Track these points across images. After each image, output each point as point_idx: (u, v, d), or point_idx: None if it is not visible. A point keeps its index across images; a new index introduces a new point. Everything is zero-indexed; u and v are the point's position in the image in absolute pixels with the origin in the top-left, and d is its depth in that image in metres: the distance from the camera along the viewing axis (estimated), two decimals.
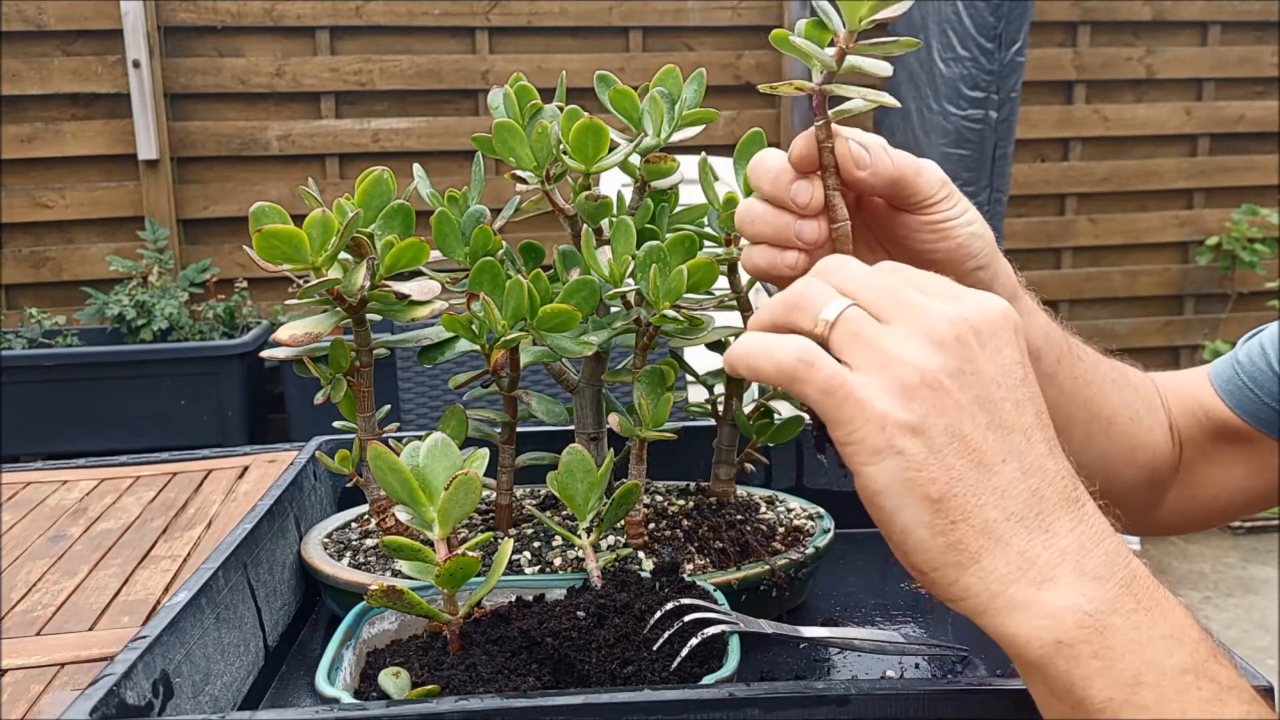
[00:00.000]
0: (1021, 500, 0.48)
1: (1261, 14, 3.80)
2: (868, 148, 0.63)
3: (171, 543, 1.06)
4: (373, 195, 0.74)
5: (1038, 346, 0.73)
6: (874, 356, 0.49)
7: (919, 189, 0.64)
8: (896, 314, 0.50)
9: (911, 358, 0.48)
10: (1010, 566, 0.48)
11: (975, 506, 0.48)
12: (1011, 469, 0.49)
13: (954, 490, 0.48)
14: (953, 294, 0.52)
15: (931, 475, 0.48)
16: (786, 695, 0.54)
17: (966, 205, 0.67)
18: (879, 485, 0.48)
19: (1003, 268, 0.71)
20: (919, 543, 0.48)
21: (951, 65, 2.87)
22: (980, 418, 0.49)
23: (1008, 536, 0.48)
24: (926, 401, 0.48)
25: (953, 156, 2.93)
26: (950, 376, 0.48)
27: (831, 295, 0.52)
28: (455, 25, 3.37)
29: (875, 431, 0.48)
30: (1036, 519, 0.49)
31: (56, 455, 2.66)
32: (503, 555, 0.63)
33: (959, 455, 0.48)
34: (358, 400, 0.79)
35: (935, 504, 0.48)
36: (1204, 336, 3.97)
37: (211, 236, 3.35)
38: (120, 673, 0.56)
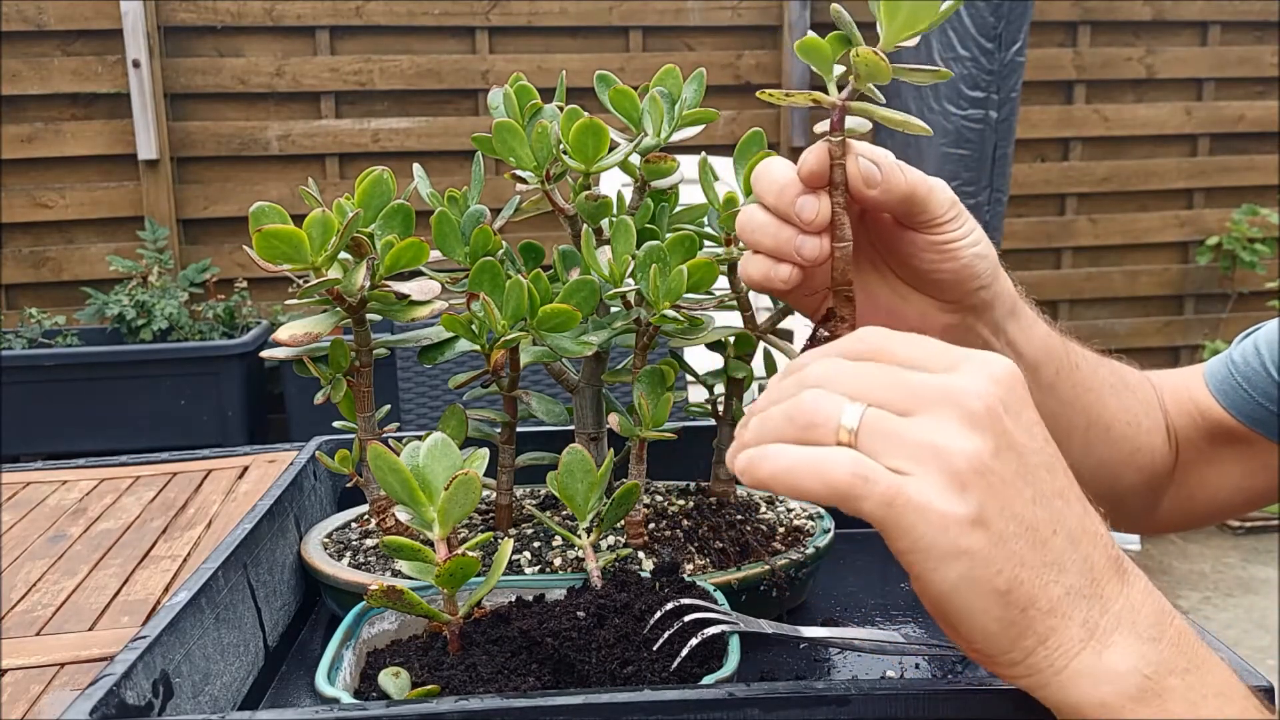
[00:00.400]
0: (1076, 572, 0.48)
1: (1261, 14, 3.80)
2: (879, 165, 0.61)
3: (171, 543, 1.06)
4: (373, 195, 0.74)
5: (1037, 359, 0.73)
6: (915, 452, 0.46)
7: (929, 208, 0.63)
8: (915, 403, 0.48)
9: (955, 445, 0.46)
10: (1074, 640, 0.47)
11: (1040, 588, 0.47)
12: (1061, 540, 0.48)
13: (1019, 576, 0.46)
14: (953, 362, 0.50)
15: (998, 568, 0.46)
16: (786, 695, 0.53)
17: (973, 226, 0.66)
18: (947, 587, 0.46)
19: (1003, 285, 0.70)
20: (989, 636, 0.47)
21: (951, 65, 2.87)
22: (1026, 491, 0.47)
23: (1070, 611, 0.47)
24: (980, 488, 0.46)
25: (953, 156, 2.93)
26: (993, 456, 0.47)
27: (842, 401, 0.48)
28: (455, 25, 3.37)
29: (940, 535, 0.45)
30: (1092, 587, 0.48)
31: (56, 455, 2.66)
32: (503, 555, 0.63)
33: (1018, 538, 0.46)
34: (358, 400, 0.79)
35: (1004, 595, 0.46)
36: (1204, 336, 3.97)
37: (211, 236, 3.35)
38: (120, 673, 0.56)
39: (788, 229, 0.61)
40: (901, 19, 0.58)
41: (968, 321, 0.70)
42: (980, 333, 0.70)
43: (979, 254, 0.66)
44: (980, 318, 0.70)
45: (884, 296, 0.70)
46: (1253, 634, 2.90)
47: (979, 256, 0.66)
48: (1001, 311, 0.70)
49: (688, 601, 0.63)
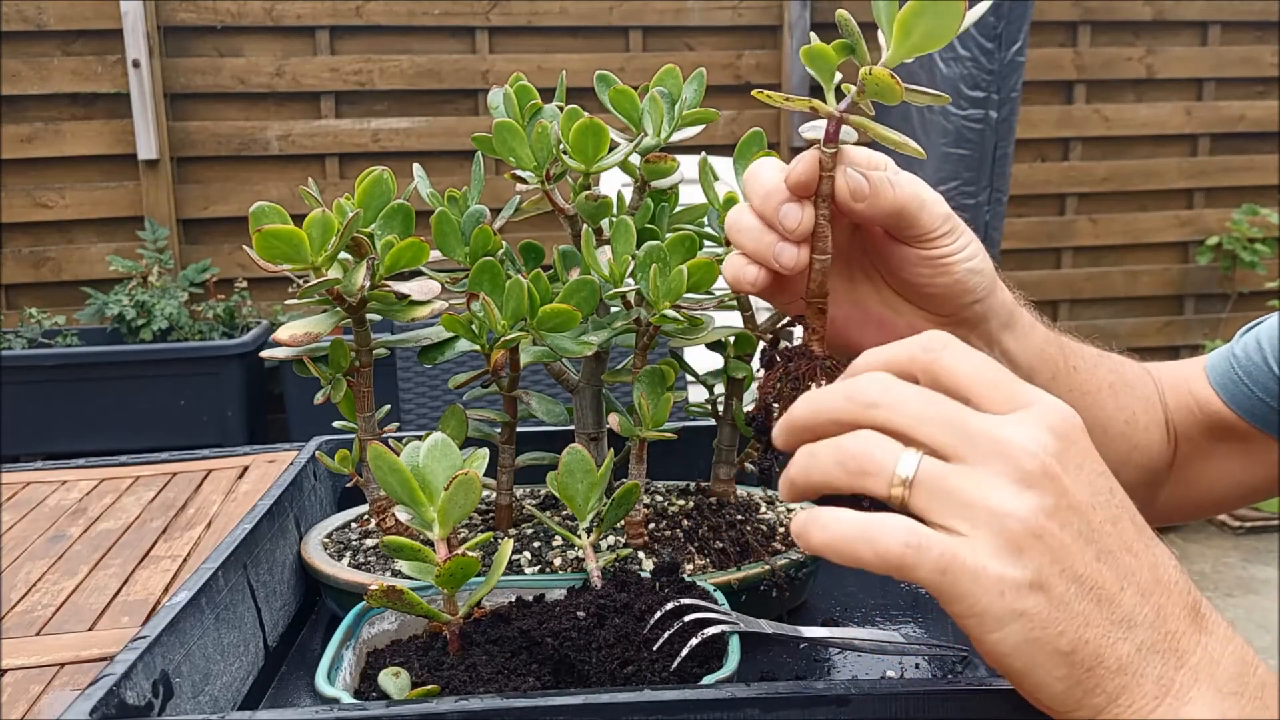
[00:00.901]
0: (1148, 626, 0.46)
1: (1261, 14, 3.81)
2: (869, 178, 0.60)
3: (171, 543, 1.06)
4: (373, 195, 0.74)
5: (1031, 366, 0.73)
6: (969, 514, 0.45)
7: (920, 223, 0.63)
8: (969, 450, 0.46)
9: (1008, 507, 0.45)
10: (1148, 697, 0.46)
11: (1106, 647, 0.46)
12: (1131, 595, 0.46)
13: (1084, 637, 0.45)
14: (1013, 402, 0.48)
15: (1059, 629, 0.45)
16: (786, 695, 0.53)
17: (969, 240, 0.65)
18: (1007, 650, 0.45)
19: (999, 298, 0.69)
20: (1055, 696, 0.46)
21: (951, 65, 2.87)
22: (1088, 550, 0.46)
23: (1142, 669, 0.46)
24: (1037, 551, 0.45)
25: (953, 156, 2.93)
26: (1049, 516, 0.45)
27: (897, 449, 0.47)
28: (455, 25, 3.37)
29: (996, 600, 0.45)
30: (1166, 640, 0.46)
31: (56, 455, 2.66)
32: (503, 555, 0.63)
33: (1080, 599, 0.45)
34: (358, 400, 0.79)
35: (1068, 656, 0.45)
36: (1204, 336, 3.97)
37: (211, 236, 3.35)
38: (120, 673, 0.56)
39: (770, 234, 0.60)
40: (914, 40, 0.56)
41: (959, 334, 0.69)
42: (972, 344, 0.69)
43: (973, 269, 0.65)
44: (973, 330, 0.69)
45: (874, 306, 0.69)
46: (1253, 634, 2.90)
47: (972, 272, 0.65)
48: (996, 324, 0.70)
49: (688, 601, 0.63)
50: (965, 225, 0.66)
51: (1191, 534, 3.53)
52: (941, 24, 0.55)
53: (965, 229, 0.65)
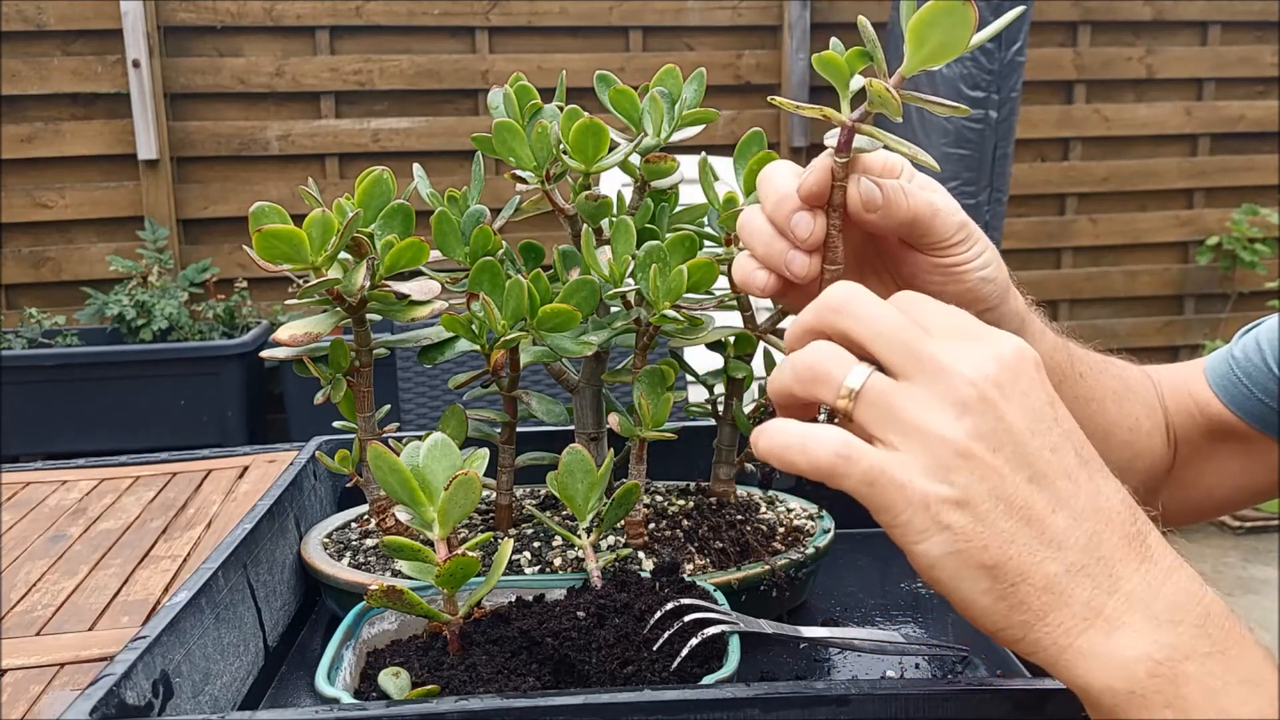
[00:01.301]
0: (1079, 549, 0.47)
1: (1261, 14, 3.80)
2: (883, 187, 0.60)
3: (171, 543, 1.06)
4: (373, 195, 0.74)
5: None
6: (904, 431, 0.48)
7: (933, 232, 0.62)
8: (915, 370, 0.48)
9: (941, 429, 0.47)
10: (1076, 619, 0.47)
11: (1032, 565, 0.47)
12: (1063, 519, 0.48)
13: (1008, 554, 0.47)
14: (969, 335, 0.50)
15: (983, 543, 0.47)
16: (786, 695, 0.53)
17: (983, 248, 0.65)
18: (931, 560, 0.47)
19: (1012, 306, 0.69)
20: (982, 609, 0.48)
21: (951, 65, 2.87)
22: (1020, 474, 0.48)
23: (1070, 589, 0.47)
24: (964, 471, 0.47)
25: (953, 156, 2.93)
26: (981, 440, 0.47)
27: (850, 362, 0.49)
28: (455, 25, 3.37)
29: (920, 513, 0.47)
30: (1099, 565, 0.47)
31: (56, 455, 2.66)
32: (503, 555, 0.63)
33: (1006, 517, 0.47)
34: (358, 400, 0.79)
35: (991, 570, 0.47)
36: (1204, 336, 3.97)
37: (211, 236, 3.35)
38: (120, 673, 0.56)
39: (781, 241, 0.60)
40: (928, 50, 0.56)
41: None
42: None
43: (985, 278, 0.65)
44: None
45: None
46: None
47: (985, 280, 0.65)
48: (1007, 329, 0.69)
49: (688, 601, 0.63)
50: (981, 233, 0.66)
51: (1191, 534, 3.53)
52: (954, 34, 0.55)
53: (980, 237, 0.65)
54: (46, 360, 2.92)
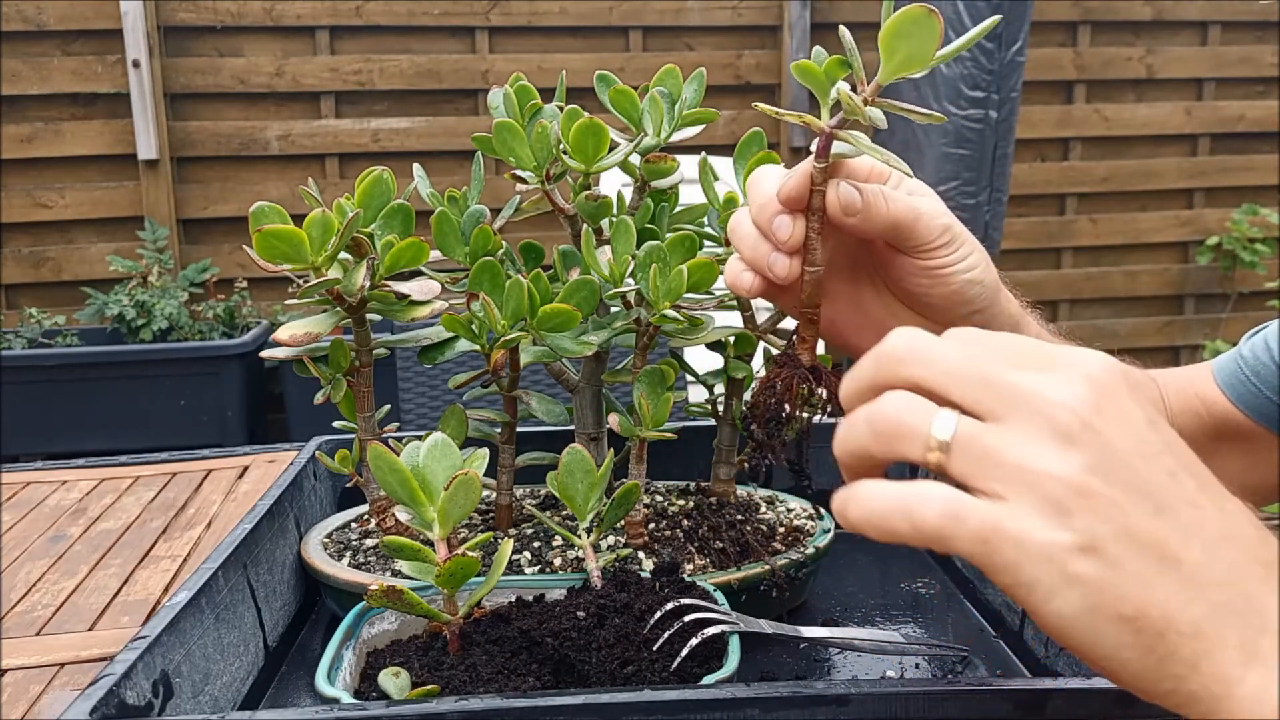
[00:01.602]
0: (1219, 583, 0.42)
1: (1261, 14, 3.80)
2: (863, 192, 0.61)
3: (171, 543, 1.06)
4: (373, 195, 0.74)
5: None
6: (1008, 476, 0.42)
7: (916, 235, 0.63)
8: (1004, 407, 0.44)
9: (1049, 466, 0.42)
10: (1233, 664, 0.41)
11: (1176, 609, 0.42)
12: (1197, 551, 0.42)
13: (1148, 599, 0.42)
14: (1048, 360, 0.45)
15: (1120, 593, 0.41)
16: (786, 695, 0.53)
17: (969, 250, 0.65)
18: (1065, 620, 0.42)
19: (1004, 308, 0.69)
20: (1128, 666, 0.42)
21: (951, 65, 2.87)
22: (1144, 505, 0.42)
23: (1221, 632, 0.42)
24: (1084, 511, 0.42)
25: (953, 156, 2.93)
26: (1094, 472, 0.42)
27: (931, 411, 0.44)
28: (455, 25, 3.37)
29: (1044, 566, 0.41)
30: (1243, 600, 0.42)
31: (56, 455, 2.66)
32: (503, 555, 0.63)
33: (1139, 558, 0.42)
34: (358, 400, 0.79)
35: (1134, 622, 0.42)
36: (1204, 336, 3.97)
37: (211, 236, 3.35)
38: (120, 673, 0.56)
39: (765, 244, 0.61)
40: (898, 60, 0.57)
41: None
42: None
43: (971, 280, 0.65)
44: None
45: (877, 311, 0.70)
46: None
47: (972, 283, 0.66)
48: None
49: (688, 601, 0.63)
50: (969, 235, 0.66)
51: None
52: (921, 44, 0.56)
53: (967, 239, 0.65)
54: (46, 360, 2.92)
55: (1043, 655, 0.73)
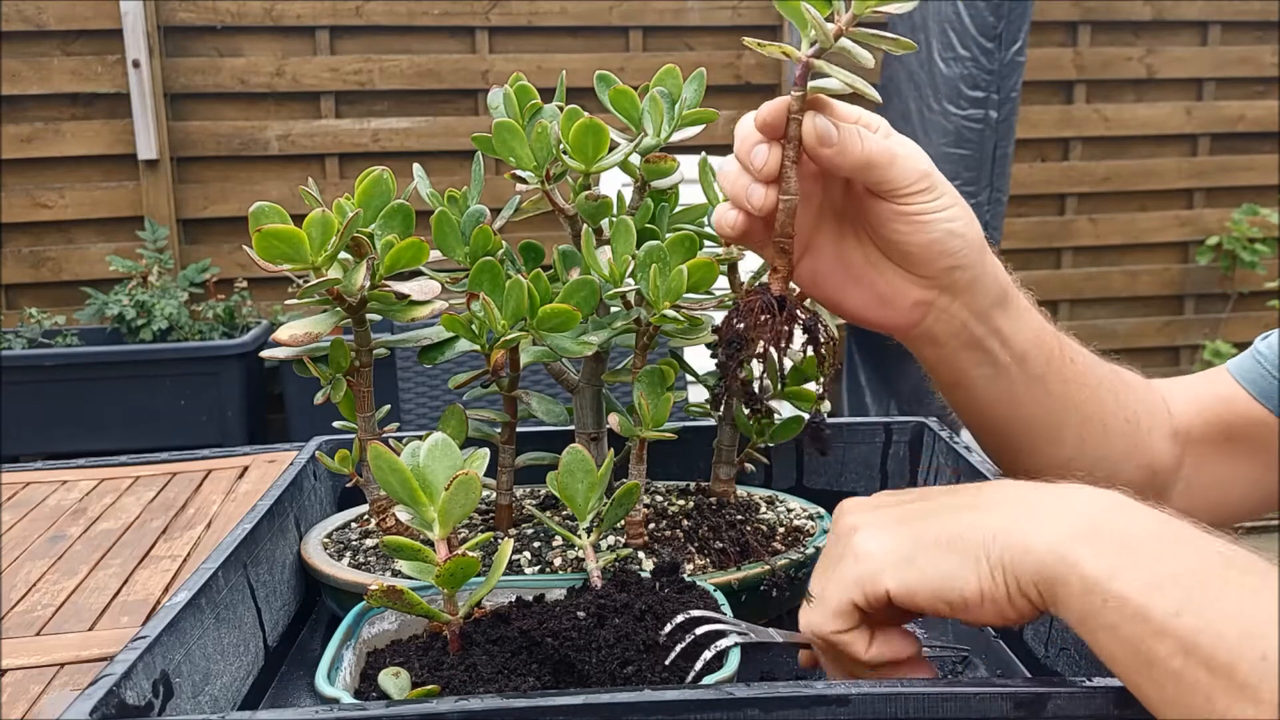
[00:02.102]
0: (947, 508, 0.58)
1: (1261, 14, 3.80)
2: (839, 127, 0.63)
3: (171, 543, 1.06)
4: (373, 195, 0.74)
5: (1025, 350, 0.74)
6: None
7: (891, 178, 0.64)
8: None
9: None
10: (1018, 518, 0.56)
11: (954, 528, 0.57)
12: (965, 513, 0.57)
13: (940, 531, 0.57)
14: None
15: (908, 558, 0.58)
16: (786, 695, 0.53)
17: (951, 202, 0.67)
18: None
19: (989, 270, 0.71)
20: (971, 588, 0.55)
21: (951, 65, 2.87)
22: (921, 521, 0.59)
23: (996, 501, 0.58)
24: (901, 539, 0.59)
25: (953, 156, 2.93)
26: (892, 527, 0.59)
27: None
28: (455, 25, 3.37)
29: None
30: (963, 496, 0.59)
31: (56, 455, 2.66)
32: (503, 555, 0.63)
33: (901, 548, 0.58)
34: (358, 400, 0.79)
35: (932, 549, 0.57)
36: (1204, 336, 3.97)
37: (211, 236, 3.35)
38: (120, 673, 0.56)
39: (745, 176, 0.64)
40: None
41: (943, 302, 0.71)
42: (958, 315, 0.71)
43: (952, 231, 0.67)
44: (958, 298, 0.70)
45: (859, 264, 0.71)
46: None
47: (952, 234, 0.67)
48: (986, 300, 0.71)
49: (697, 613, 0.63)
50: (950, 188, 0.67)
51: None
52: None
53: (948, 190, 0.67)
54: (46, 360, 2.92)
55: (1043, 655, 0.73)
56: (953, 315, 0.71)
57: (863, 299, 0.71)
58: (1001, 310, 0.72)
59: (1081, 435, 0.78)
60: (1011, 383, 0.74)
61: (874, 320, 0.72)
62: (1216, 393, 0.87)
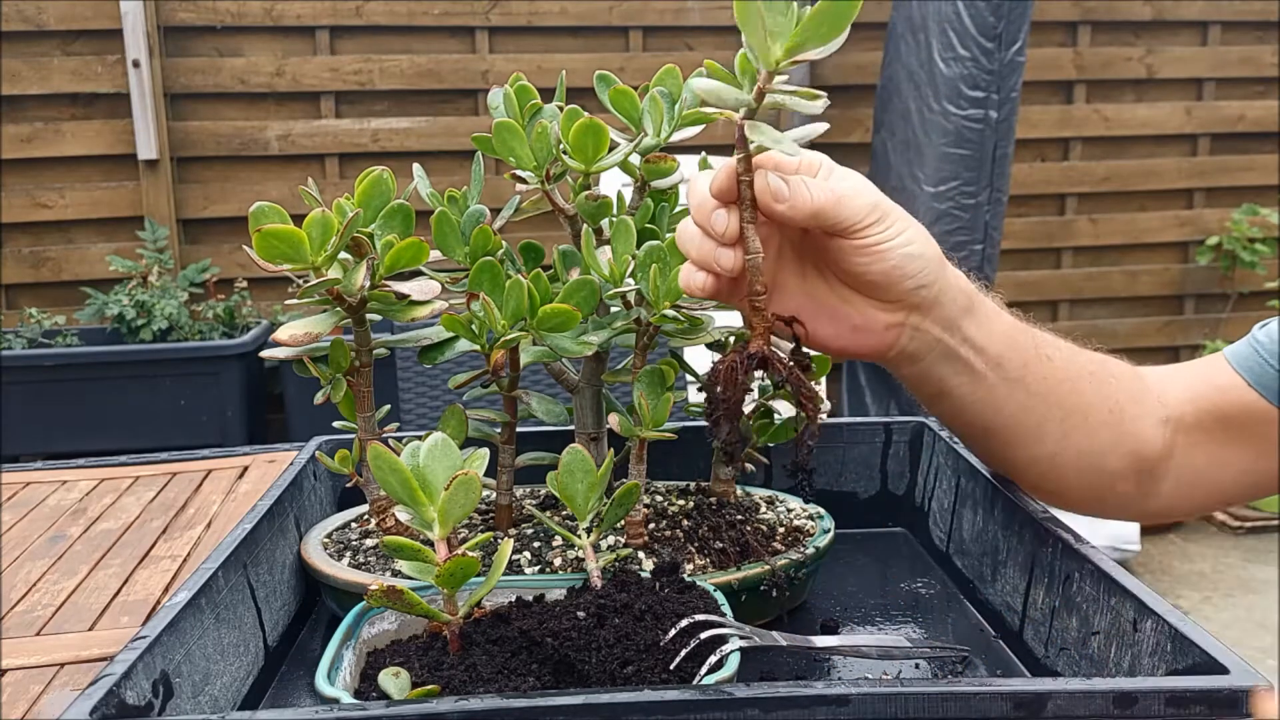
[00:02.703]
0: None
1: (1261, 14, 3.80)
2: (788, 181, 0.65)
3: (171, 543, 1.06)
4: (372, 195, 0.74)
5: (1000, 354, 0.75)
6: None
7: (841, 218, 0.66)
8: None
9: None
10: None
11: None
12: None
13: None
14: None
15: None
16: (786, 695, 0.53)
17: (903, 227, 0.68)
18: None
19: (950, 282, 0.72)
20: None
21: (951, 65, 2.87)
22: None
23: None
24: None
25: (953, 156, 2.93)
26: None
27: None
28: (455, 25, 3.37)
29: None
30: None
31: (56, 455, 2.65)
32: (503, 555, 0.63)
33: None
34: (358, 400, 0.79)
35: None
36: (1204, 336, 3.97)
37: (211, 236, 3.35)
38: (120, 673, 0.56)
39: (709, 241, 0.66)
40: (782, 48, 0.61)
41: (913, 320, 0.72)
42: (930, 330, 0.72)
43: (910, 254, 0.68)
44: (928, 315, 0.72)
45: (826, 297, 0.72)
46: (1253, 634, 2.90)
47: (910, 257, 0.68)
48: (953, 310, 0.72)
49: (701, 617, 0.63)
50: (901, 213, 0.69)
51: (1191, 534, 3.53)
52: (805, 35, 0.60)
53: (899, 216, 0.68)
54: (46, 360, 2.91)
55: (1042, 655, 0.73)
56: (925, 331, 0.72)
57: (835, 330, 0.72)
58: (970, 318, 0.74)
59: (1064, 430, 0.78)
60: (990, 388, 0.75)
61: (850, 349, 0.74)
62: (1212, 380, 0.88)
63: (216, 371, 2.98)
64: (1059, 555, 0.72)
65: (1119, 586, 0.66)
